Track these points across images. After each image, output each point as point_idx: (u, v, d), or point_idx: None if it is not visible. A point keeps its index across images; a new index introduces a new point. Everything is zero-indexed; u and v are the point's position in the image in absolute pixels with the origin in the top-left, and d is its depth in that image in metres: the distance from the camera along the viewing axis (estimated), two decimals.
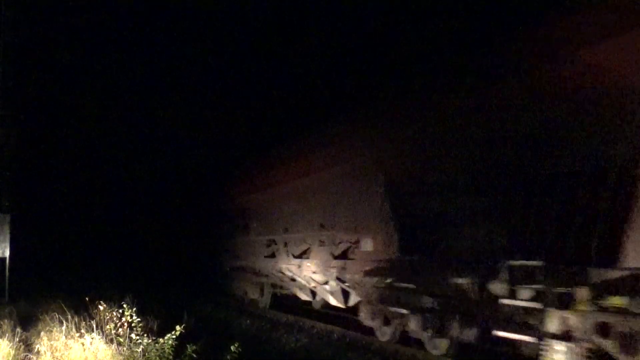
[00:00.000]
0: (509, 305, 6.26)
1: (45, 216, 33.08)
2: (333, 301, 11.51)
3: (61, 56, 31.49)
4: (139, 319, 7.44)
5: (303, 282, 12.48)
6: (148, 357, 6.73)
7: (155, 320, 9.07)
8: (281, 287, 14.57)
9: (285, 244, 13.20)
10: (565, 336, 5.58)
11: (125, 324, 7.37)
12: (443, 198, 7.81)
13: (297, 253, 12.48)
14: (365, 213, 9.76)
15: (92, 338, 7.23)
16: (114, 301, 8.55)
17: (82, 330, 7.66)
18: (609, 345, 5.26)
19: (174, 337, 6.91)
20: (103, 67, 33.64)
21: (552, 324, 5.68)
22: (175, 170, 32.84)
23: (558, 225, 5.82)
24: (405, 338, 9.21)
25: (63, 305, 9.22)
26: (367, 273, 9.55)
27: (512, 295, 6.22)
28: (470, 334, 7.37)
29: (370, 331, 10.00)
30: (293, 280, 12.99)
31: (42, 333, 8.02)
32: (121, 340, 7.16)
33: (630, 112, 5.36)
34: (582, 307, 5.41)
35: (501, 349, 7.82)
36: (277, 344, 10.07)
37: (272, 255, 13.96)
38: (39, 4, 25.62)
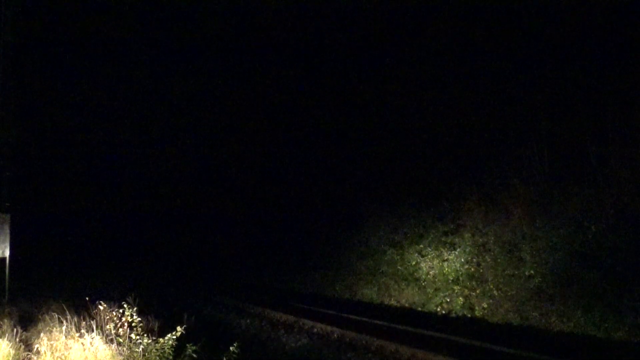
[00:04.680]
0: None
1: (45, 216, 33.05)
2: None
3: (61, 56, 31.46)
4: (139, 319, 7.43)
5: None
6: (148, 357, 6.73)
7: (156, 320, 9.08)
8: None
9: None
10: None
11: (126, 324, 7.37)
12: None
13: None
14: None
15: (92, 338, 7.23)
16: (114, 301, 8.56)
17: (82, 330, 7.66)
18: None
19: (174, 337, 6.91)
20: (103, 66, 33.59)
21: None
22: (175, 170, 32.85)
23: None
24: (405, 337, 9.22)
25: (63, 305, 9.23)
26: None
27: None
28: None
29: (369, 331, 9.99)
30: None
31: (42, 333, 8.02)
32: (121, 340, 7.16)
33: None
34: None
35: None
36: (277, 344, 10.07)
37: None
38: (39, 4, 25.59)
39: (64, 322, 8.13)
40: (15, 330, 8.21)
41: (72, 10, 30.82)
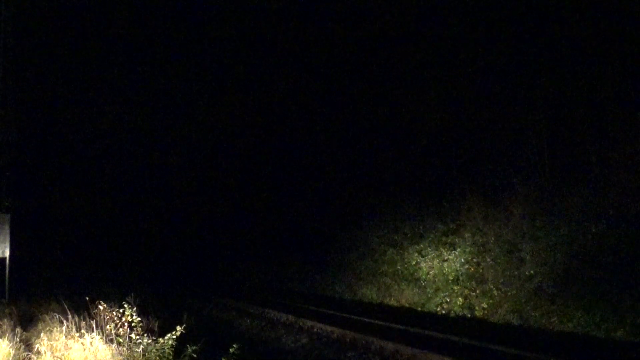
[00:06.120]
0: None
1: (46, 216, 33.04)
2: None
3: (61, 56, 31.46)
4: (139, 319, 7.43)
5: None
6: (148, 357, 6.73)
7: (156, 320, 9.08)
8: None
9: None
10: None
11: (126, 324, 7.37)
12: None
13: None
14: None
15: (92, 338, 7.23)
16: (114, 301, 8.55)
17: (82, 330, 7.66)
18: None
19: (174, 337, 6.91)
20: (103, 66, 33.58)
21: None
22: (175, 169, 32.85)
23: None
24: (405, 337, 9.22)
25: (63, 305, 9.22)
26: None
27: None
28: None
29: (369, 331, 9.97)
30: None
31: (42, 333, 8.03)
32: (121, 340, 7.16)
33: None
34: None
35: None
36: (277, 344, 10.07)
37: None
38: (39, 4, 25.59)
39: (64, 322, 8.14)
40: (15, 330, 8.22)
41: (73, 10, 30.82)
